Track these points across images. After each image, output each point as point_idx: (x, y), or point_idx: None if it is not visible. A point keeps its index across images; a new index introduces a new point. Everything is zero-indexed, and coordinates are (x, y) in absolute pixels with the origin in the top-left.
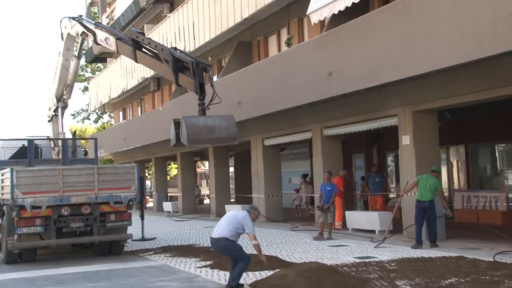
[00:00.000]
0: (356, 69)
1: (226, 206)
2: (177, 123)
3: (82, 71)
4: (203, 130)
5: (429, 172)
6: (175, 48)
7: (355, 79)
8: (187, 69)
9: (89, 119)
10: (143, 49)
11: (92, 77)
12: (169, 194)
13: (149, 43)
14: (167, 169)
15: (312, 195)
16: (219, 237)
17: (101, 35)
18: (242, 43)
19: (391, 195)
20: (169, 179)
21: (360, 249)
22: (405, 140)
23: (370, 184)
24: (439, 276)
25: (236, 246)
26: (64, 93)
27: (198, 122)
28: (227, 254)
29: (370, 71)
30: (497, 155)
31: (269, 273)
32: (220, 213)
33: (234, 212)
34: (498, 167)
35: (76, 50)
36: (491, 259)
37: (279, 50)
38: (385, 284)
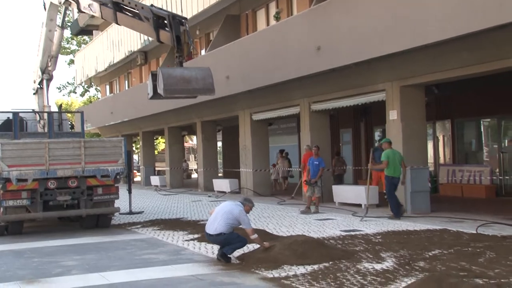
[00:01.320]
0: (345, 43)
1: (214, 181)
2: (154, 75)
3: (67, 44)
4: (179, 81)
5: (383, 144)
6: (152, 5)
7: (344, 54)
8: (167, 26)
9: (75, 93)
10: (124, 11)
11: (78, 50)
12: (156, 169)
13: (129, 2)
14: (155, 144)
15: (289, 169)
16: (216, 233)
17: (84, 1)
18: (231, 17)
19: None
20: (156, 153)
21: (346, 222)
22: (393, 115)
23: (378, 159)
24: (423, 248)
25: (233, 235)
26: (49, 64)
27: (175, 73)
28: (226, 244)
29: (358, 46)
30: (482, 130)
31: (256, 246)
32: (208, 187)
33: (229, 206)
34: (483, 141)
35: (59, 20)
36: (474, 231)
37: (268, 24)
38: (371, 256)
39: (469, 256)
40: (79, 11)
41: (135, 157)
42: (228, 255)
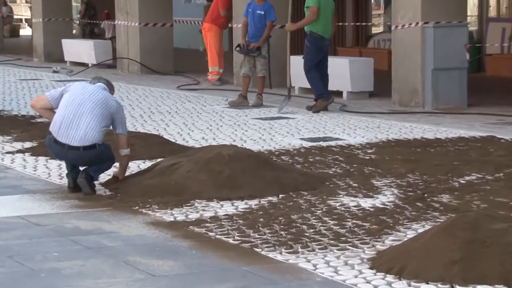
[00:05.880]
0: None
1: (64, 42)
2: None
3: None
4: None
5: None
6: None
7: None
8: None
9: None
10: None
11: None
12: None
13: None
14: None
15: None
16: (86, 145)
17: None
18: None
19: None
20: None
21: (312, 124)
22: None
23: None
24: (449, 172)
25: (107, 148)
26: None
27: None
28: (93, 164)
29: None
30: None
31: (144, 164)
32: (54, 54)
33: (99, 93)
34: None
35: None
36: None
37: None
38: (354, 185)
39: None
40: None
41: None
42: (95, 181)
